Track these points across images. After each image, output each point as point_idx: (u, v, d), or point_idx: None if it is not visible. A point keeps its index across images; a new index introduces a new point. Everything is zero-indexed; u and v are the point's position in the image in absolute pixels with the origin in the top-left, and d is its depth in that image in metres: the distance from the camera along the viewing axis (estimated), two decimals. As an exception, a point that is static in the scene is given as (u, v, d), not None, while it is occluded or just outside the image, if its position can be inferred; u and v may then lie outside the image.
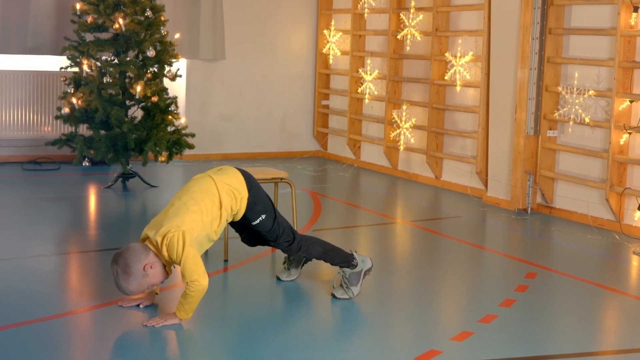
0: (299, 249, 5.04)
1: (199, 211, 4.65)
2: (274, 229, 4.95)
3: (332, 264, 5.11)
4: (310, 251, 5.07)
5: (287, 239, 4.99)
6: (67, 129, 9.06)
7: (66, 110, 8.18)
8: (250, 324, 4.67)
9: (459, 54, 8.51)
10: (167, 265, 4.63)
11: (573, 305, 5.20)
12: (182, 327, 4.52)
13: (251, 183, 4.91)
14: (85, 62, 8.07)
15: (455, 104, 8.72)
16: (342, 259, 5.07)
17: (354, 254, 5.12)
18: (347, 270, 5.07)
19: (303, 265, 5.42)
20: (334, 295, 5.07)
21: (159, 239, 4.53)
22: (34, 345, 4.22)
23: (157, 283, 4.65)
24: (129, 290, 4.57)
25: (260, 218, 4.91)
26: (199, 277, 4.47)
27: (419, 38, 9.00)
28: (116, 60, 8.07)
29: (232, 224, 5.02)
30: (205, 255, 5.91)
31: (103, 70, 8.05)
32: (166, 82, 9.02)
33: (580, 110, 7.24)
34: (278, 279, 5.40)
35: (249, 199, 4.85)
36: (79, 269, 5.70)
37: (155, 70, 8.18)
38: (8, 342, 4.27)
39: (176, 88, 9.64)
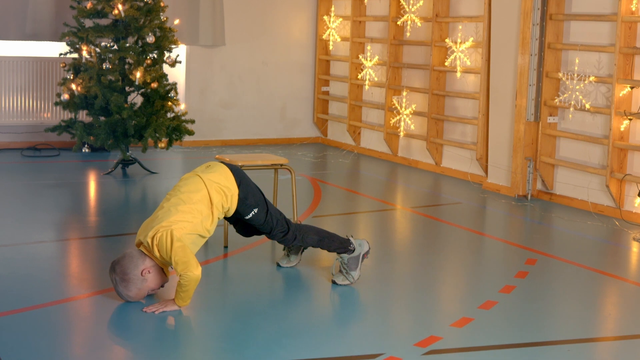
0: (294, 239, 5.03)
1: (188, 211, 4.64)
2: (267, 221, 4.94)
3: (329, 251, 5.12)
4: (306, 240, 5.06)
5: (281, 229, 4.98)
6: (67, 115, 9.04)
7: (66, 96, 8.17)
8: (250, 311, 4.68)
9: (459, 40, 8.49)
10: (165, 268, 4.63)
11: (573, 291, 5.21)
12: (181, 314, 4.53)
13: (240, 178, 4.88)
14: (84, 48, 8.05)
15: (456, 90, 8.70)
16: (339, 245, 5.07)
17: (350, 238, 5.12)
18: (345, 256, 5.07)
19: (303, 251, 5.42)
20: (334, 282, 5.08)
21: (149, 241, 4.53)
22: (34, 331, 4.23)
23: (157, 287, 4.65)
24: (130, 297, 4.59)
25: (252, 212, 4.90)
26: (191, 268, 4.47)
27: (419, 24, 8.98)
28: (115, 47, 8.06)
29: (225, 217, 5.01)
30: (205, 243, 5.91)
31: (102, 57, 8.04)
32: (166, 68, 9.01)
33: (580, 97, 7.22)
34: (278, 265, 5.41)
35: (239, 195, 4.84)
36: (79, 255, 5.70)
37: (155, 56, 8.16)
38: (8, 328, 4.27)
39: (176, 74, 9.62)
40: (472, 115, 8.51)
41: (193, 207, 4.67)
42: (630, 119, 6.87)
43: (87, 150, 9.15)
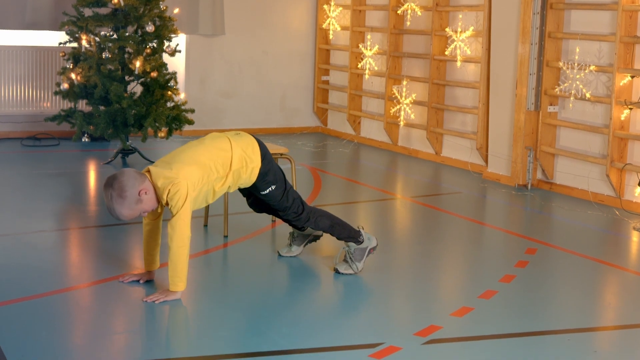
0: (307, 220, 5.02)
1: (207, 167, 4.62)
2: (283, 200, 4.93)
3: (338, 238, 5.11)
4: (318, 223, 5.05)
5: (295, 210, 4.98)
6: (67, 104, 9.03)
7: (65, 85, 8.16)
8: (250, 300, 4.68)
9: (459, 29, 8.47)
10: (160, 200, 4.59)
11: (573, 280, 5.21)
12: (182, 303, 4.53)
13: (265, 153, 4.88)
14: (84, 37, 8.04)
15: (456, 79, 8.69)
16: (349, 233, 5.07)
17: (361, 230, 5.11)
18: (353, 245, 5.07)
19: (307, 244, 5.41)
20: (337, 271, 5.08)
21: (161, 179, 4.48)
22: (34, 320, 4.23)
23: (149, 210, 4.57)
24: (122, 215, 4.48)
25: (270, 188, 4.89)
26: (186, 228, 4.46)
27: (419, 13, 8.96)
28: (115, 36, 8.04)
29: (241, 189, 5.00)
30: (205, 232, 5.91)
31: (102, 46, 8.02)
32: (165, 57, 8.99)
33: (581, 86, 7.21)
34: (279, 254, 5.40)
35: (261, 168, 4.82)
36: (79, 244, 5.70)
37: (155, 45, 8.15)
38: (8, 317, 4.27)
39: (175, 63, 9.61)
40: (472, 105, 8.50)
41: (212, 164, 4.64)
42: (630, 109, 6.87)
43: (86, 140, 9.11)
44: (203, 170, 4.61)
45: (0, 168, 7.89)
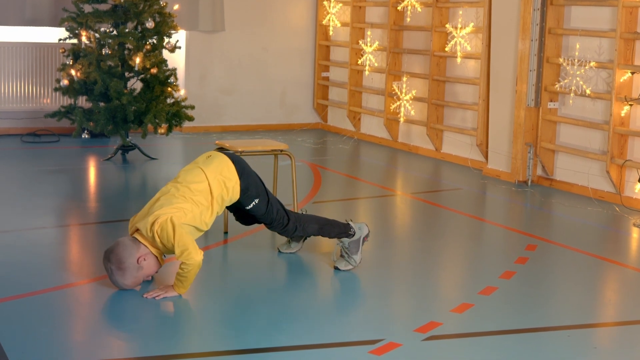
0: (295, 230, 5.02)
1: (187, 202, 4.61)
2: (268, 212, 4.93)
3: (330, 238, 5.12)
4: (307, 229, 5.06)
5: (281, 221, 4.97)
6: (66, 101, 9.02)
7: (65, 82, 8.15)
8: (250, 296, 4.68)
9: (459, 26, 8.46)
10: (159, 256, 4.62)
11: (573, 277, 5.21)
12: (181, 299, 4.53)
13: (242, 168, 4.86)
14: (84, 33, 8.03)
15: (456, 75, 8.69)
16: (339, 230, 5.07)
17: (350, 222, 5.11)
18: (346, 240, 5.07)
19: (305, 239, 5.41)
20: (337, 268, 5.07)
21: (148, 228, 4.51)
22: (34, 317, 4.23)
23: (152, 274, 4.65)
24: (126, 285, 4.57)
25: (253, 202, 4.88)
26: (193, 254, 4.46)
27: (419, 9, 8.95)
28: (115, 32, 8.03)
29: (226, 206, 4.99)
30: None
31: (102, 42, 8.01)
32: (165, 53, 8.97)
33: (581, 82, 7.21)
34: (279, 251, 5.40)
35: (240, 185, 4.81)
36: (79, 241, 5.70)
37: (155, 41, 8.14)
38: (8, 314, 4.27)
39: (175, 60, 9.59)
40: (472, 101, 8.50)
41: (193, 198, 4.64)
42: (630, 105, 6.86)
43: (86, 136, 9.14)
44: (184, 205, 4.59)
45: (0, 164, 7.88)
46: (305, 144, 9.44)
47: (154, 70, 8.01)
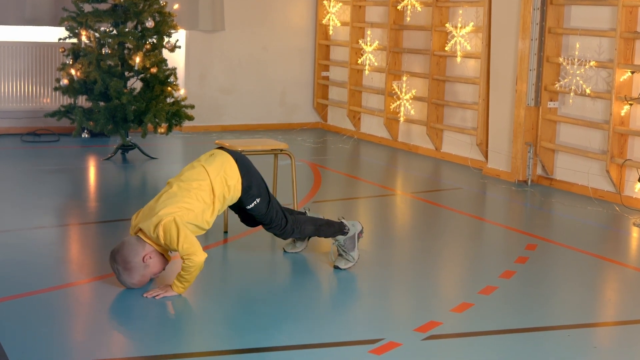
0: (292, 232, 5.03)
1: (189, 200, 4.61)
2: (269, 212, 4.92)
3: (326, 237, 5.12)
4: (304, 231, 5.06)
5: (280, 222, 4.97)
6: (66, 100, 9.02)
7: (65, 81, 8.15)
8: (250, 296, 4.68)
9: (459, 25, 8.46)
10: (165, 253, 4.63)
11: (573, 276, 5.21)
12: (182, 299, 4.53)
13: (244, 167, 4.86)
14: (83, 33, 8.03)
15: (456, 75, 8.69)
16: (335, 229, 5.08)
17: (343, 221, 5.12)
18: (341, 238, 5.08)
19: (309, 238, 5.40)
20: (337, 267, 5.07)
21: (151, 228, 4.51)
22: (34, 316, 4.23)
23: (158, 272, 4.66)
24: (133, 284, 4.58)
25: (254, 202, 4.88)
26: (195, 254, 4.47)
27: (419, 9, 8.95)
28: (115, 31, 8.03)
29: (230, 206, 5.00)
30: (205, 227, 5.91)
31: (102, 42, 8.01)
32: (165, 53, 8.97)
33: (581, 82, 7.21)
34: (284, 251, 5.40)
35: (242, 184, 4.81)
36: (79, 240, 5.70)
37: (154, 41, 8.14)
38: (8, 313, 4.27)
39: (175, 59, 9.59)
40: (472, 101, 8.50)
41: (195, 196, 4.64)
42: (630, 104, 6.86)
43: (86, 136, 9.14)
44: (186, 205, 4.60)
45: (0, 164, 7.88)
46: (305, 144, 9.44)
47: (153, 70, 8.01)
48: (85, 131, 9.09)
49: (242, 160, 4.88)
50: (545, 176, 7.67)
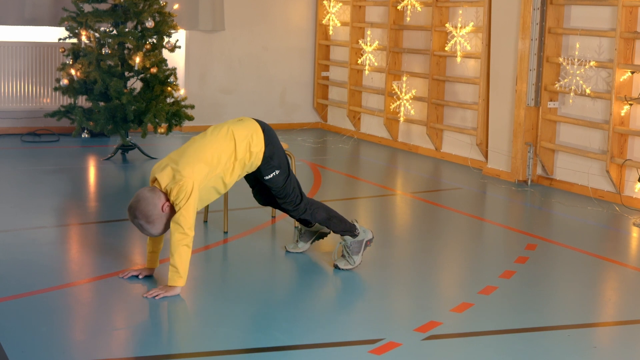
0: (304, 211, 5.04)
1: (212, 162, 4.65)
2: (285, 187, 4.95)
3: (334, 231, 5.12)
4: (315, 215, 5.07)
5: (294, 199, 4.99)
6: (66, 100, 9.02)
7: (65, 81, 8.15)
8: (250, 296, 4.68)
9: (459, 25, 8.46)
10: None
11: (573, 276, 5.21)
12: (182, 298, 4.53)
13: (270, 137, 4.89)
14: (83, 33, 8.03)
15: (456, 75, 8.69)
16: (345, 227, 5.08)
17: (356, 224, 5.12)
18: (349, 239, 5.07)
19: (314, 241, 5.40)
20: (336, 266, 5.08)
21: (167, 181, 4.55)
22: (34, 316, 4.23)
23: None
24: (159, 233, 4.64)
25: (273, 173, 4.90)
26: (183, 225, 4.50)
27: (419, 9, 8.95)
28: (115, 31, 8.03)
29: (246, 176, 5.02)
30: (205, 227, 5.91)
31: (102, 42, 8.01)
32: (165, 53, 8.98)
33: (581, 82, 7.21)
34: (286, 250, 5.40)
35: (265, 152, 4.84)
36: (79, 240, 5.70)
37: (154, 41, 8.14)
38: (8, 313, 4.27)
39: (175, 59, 9.59)
40: (472, 101, 8.50)
41: (216, 158, 4.67)
42: (630, 104, 6.86)
43: (86, 136, 9.14)
44: (209, 166, 4.65)
45: (0, 164, 7.88)
46: (305, 144, 9.44)
47: (153, 70, 8.01)
48: (85, 131, 9.10)
49: (268, 131, 4.92)
50: (545, 176, 7.67)
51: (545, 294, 4.82)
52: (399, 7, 9.17)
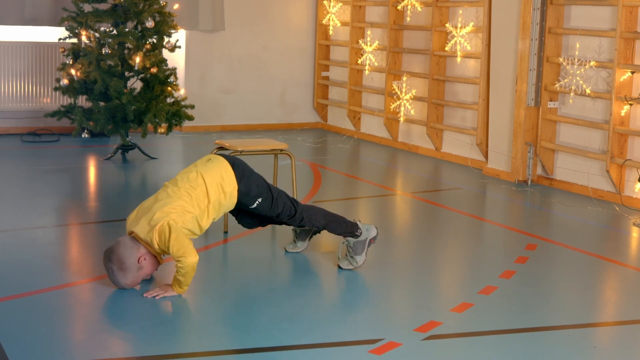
0: (302, 220, 5.02)
1: (184, 204, 4.60)
2: (273, 208, 4.92)
3: (335, 234, 5.11)
4: (313, 222, 5.05)
5: (287, 213, 4.97)
6: (66, 100, 9.02)
7: (65, 81, 8.15)
8: (250, 295, 4.68)
9: (459, 25, 8.46)
10: (158, 255, 4.62)
11: (573, 276, 5.21)
12: (182, 298, 4.53)
13: (241, 172, 4.85)
14: (83, 33, 8.03)
15: (456, 75, 8.68)
16: (346, 228, 5.06)
17: (358, 223, 5.11)
18: (351, 239, 5.06)
19: (311, 237, 5.40)
20: (339, 266, 5.07)
21: (145, 232, 4.51)
22: (34, 316, 4.23)
23: (151, 273, 4.66)
24: (126, 285, 4.58)
25: (257, 202, 4.88)
26: (187, 255, 4.46)
27: (419, 9, 8.95)
28: (115, 31, 8.03)
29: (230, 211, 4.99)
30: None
31: (102, 41, 8.01)
32: (165, 53, 8.98)
33: (581, 82, 7.21)
34: (285, 250, 5.40)
35: (239, 190, 4.81)
36: (79, 240, 5.70)
37: (154, 41, 8.14)
38: (8, 313, 4.27)
39: (175, 59, 9.59)
40: (472, 101, 8.50)
41: (189, 202, 4.64)
42: (630, 104, 6.86)
43: (86, 136, 9.14)
44: (180, 209, 4.60)
45: (0, 164, 7.88)
46: (305, 144, 9.44)
47: (153, 70, 8.01)
48: (85, 131, 9.10)
49: (238, 166, 4.87)
50: (545, 176, 7.66)
51: (545, 294, 4.82)
52: (399, 7, 9.16)
